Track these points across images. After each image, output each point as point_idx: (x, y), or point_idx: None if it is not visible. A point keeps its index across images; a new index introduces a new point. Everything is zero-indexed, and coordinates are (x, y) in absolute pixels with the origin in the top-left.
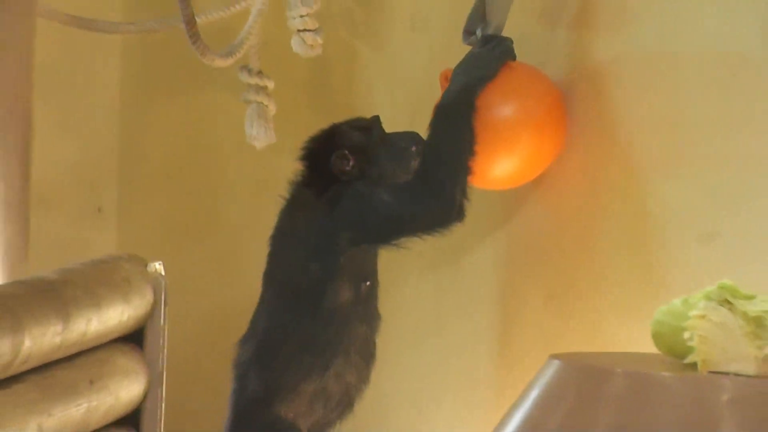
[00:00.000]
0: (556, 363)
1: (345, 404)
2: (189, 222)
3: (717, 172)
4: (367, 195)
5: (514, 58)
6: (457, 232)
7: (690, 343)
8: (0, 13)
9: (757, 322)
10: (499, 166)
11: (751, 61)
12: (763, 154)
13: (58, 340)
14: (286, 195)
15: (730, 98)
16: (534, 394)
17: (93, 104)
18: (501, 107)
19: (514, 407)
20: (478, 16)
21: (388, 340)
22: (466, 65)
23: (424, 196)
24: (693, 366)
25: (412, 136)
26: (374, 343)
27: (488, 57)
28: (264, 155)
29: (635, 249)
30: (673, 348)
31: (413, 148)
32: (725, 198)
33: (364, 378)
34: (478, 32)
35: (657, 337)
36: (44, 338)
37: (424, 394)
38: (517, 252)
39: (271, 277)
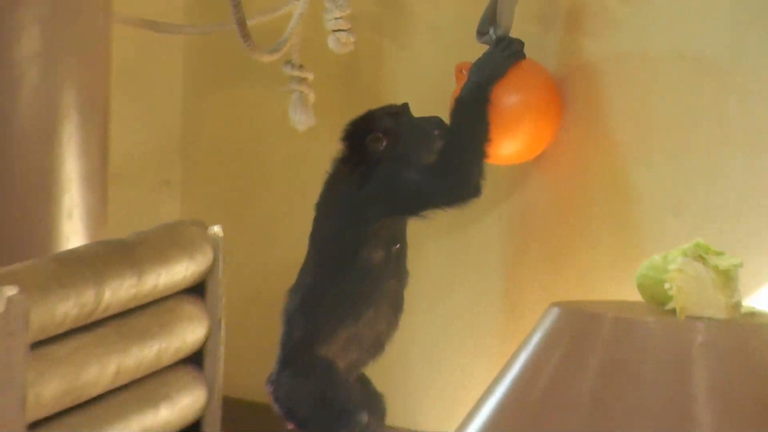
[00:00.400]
0: (555, 310)
1: (376, 347)
2: (241, 192)
3: (686, 155)
4: (397, 173)
5: (523, 57)
6: None
7: (670, 293)
8: (82, 20)
9: (726, 275)
10: (505, 146)
11: (718, 62)
12: (725, 141)
13: (133, 291)
14: (330, 169)
15: (697, 93)
16: (537, 336)
17: (160, 94)
18: (508, 97)
19: (520, 348)
20: (489, 19)
21: (410, 294)
22: (482, 63)
23: (448, 176)
24: (672, 312)
25: (435, 121)
26: (402, 297)
27: (500, 57)
28: (304, 136)
29: (619, 216)
30: (655, 296)
31: (436, 132)
32: (692, 176)
33: (393, 326)
34: (491, 33)
35: (641, 288)
36: (121, 290)
37: (440, 341)
38: (519, 218)
39: (315, 238)
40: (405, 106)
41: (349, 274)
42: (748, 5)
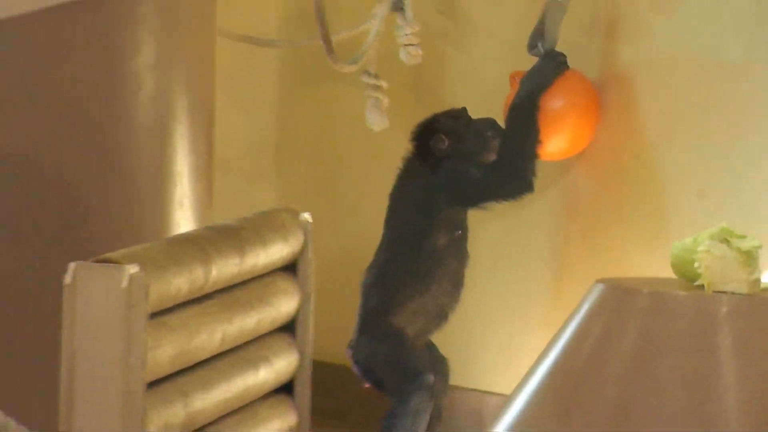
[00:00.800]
0: (599, 285)
1: (440, 317)
2: (326, 183)
3: (710, 147)
4: (459, 169)
5: (567, 68)
6: None
7: (698, 270)
8: (191, 35)
9: (748, 254)
10: (552, 143)
11: (739, 61)
12: (746, 134)
13: (236, 269)
14: (401, 165)
15: (718, 92)
16: (584, 308)
17: (257, 96)
18: (554, 102)
19: (570, 318)
20: (539, 34)
21: (470, 271)
22: (532, 75)
23: (504, 174)
24: (700, 287)
25: (489, 123)
26: (463, 274)
27: (547, 68)
28: (378, 136)
29: (651, 201)
30: (686, 274)
31: (489, 133)
32: (716, 166)
33: (454, 299)
34: (540, 46)
35: (674, 266)
36: (226, 268)
37: (497, 312)
38: (563, 204)
39: (389, 223)
40: (463, 109)
41: (417, 254)
42: (765, 11)
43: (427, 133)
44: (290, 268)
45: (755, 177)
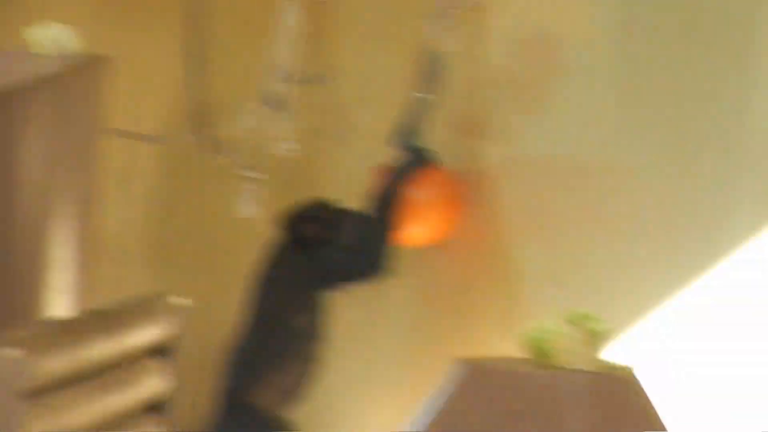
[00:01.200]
0: (459, 364)
1: (295, 396)
2: (205, 268)
3: (565, 240)
4: (323, 255)
5: (429, 163)
6: None
7: (550, 350)
8: (78, 132)
9: (595, 336)
10: (415, 231)
11: (591, 164)
12: (597, 229)
13: (110, 351)
14: (266, 251)
15: (575, 188)
16: (443, 386)
17: (142, 186)
18: (418, 192)
19: (429, 396)
20: (404, 129)
21: (333, 350)
22: (395, 167)
23: (362, 260)
24: (552, 365)
25: (353, 212)
26: (316, 355)
27: (409, 162)
28: (255, 224)
29: (510, 288)
30: (539, 353)
31: (351, 221)
32: (571, 255)
33: (308, 378)
34: (404, 141)
35: (529, 345)
36: (101, 350)
37: (350, 390)
38: (424, 289)
39: (251, 305)
40: (329, 199)
41: (276, 335)
42: (628, 117)
43: (294, 221)
44: (162, 350)
45: (607, 265)
